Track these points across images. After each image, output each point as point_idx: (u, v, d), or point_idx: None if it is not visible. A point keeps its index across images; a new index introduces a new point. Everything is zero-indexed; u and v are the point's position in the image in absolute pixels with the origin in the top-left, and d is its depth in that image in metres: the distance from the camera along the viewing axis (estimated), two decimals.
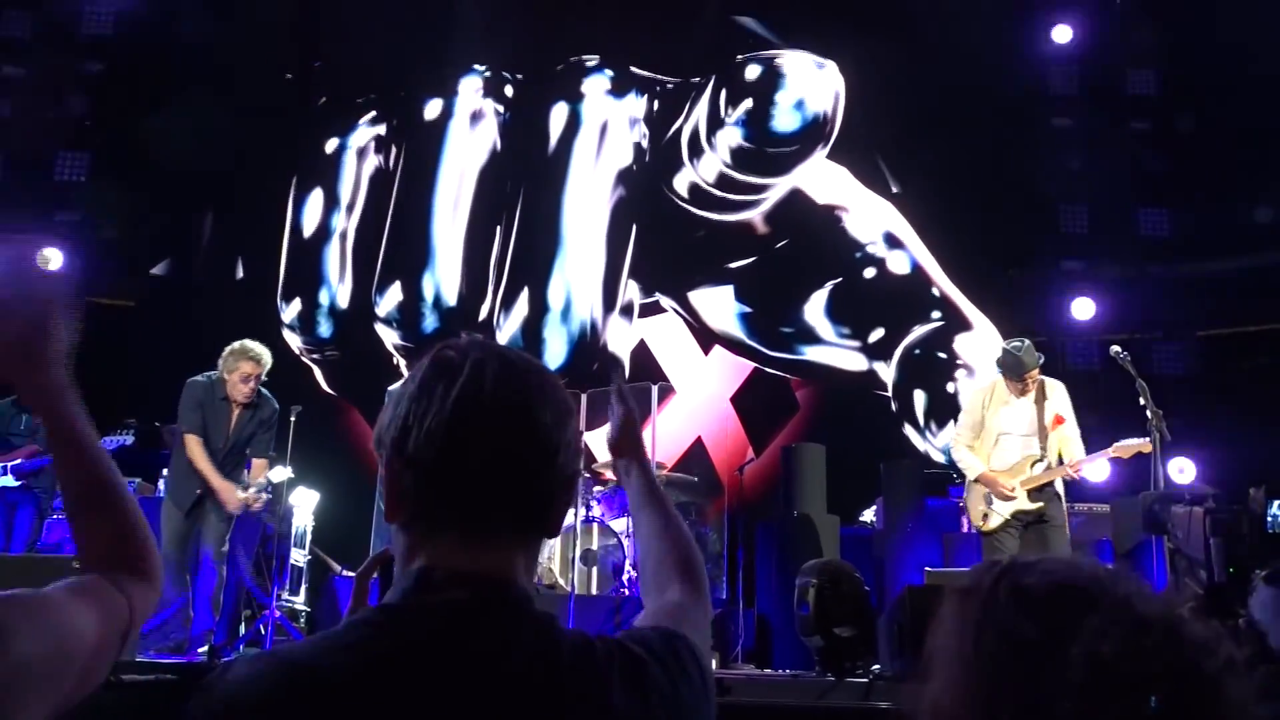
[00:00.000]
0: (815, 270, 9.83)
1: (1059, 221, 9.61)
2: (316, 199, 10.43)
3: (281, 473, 6.48)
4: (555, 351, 9.93)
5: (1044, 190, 9.57)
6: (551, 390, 1.08)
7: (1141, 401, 5.49)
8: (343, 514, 7.90)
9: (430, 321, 10.08)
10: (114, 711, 3.58)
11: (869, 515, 7.94)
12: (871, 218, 10.01)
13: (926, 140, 9.40)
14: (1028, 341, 5.62)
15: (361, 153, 10.52)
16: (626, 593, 6.51)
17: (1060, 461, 5.50)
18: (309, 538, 7.53)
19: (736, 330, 9.88)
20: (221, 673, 0.99)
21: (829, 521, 6.96)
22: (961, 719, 0.80)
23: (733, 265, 9.96)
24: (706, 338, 9.89)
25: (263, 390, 5.85)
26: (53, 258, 8.80)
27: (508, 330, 10.04)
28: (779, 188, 10.11)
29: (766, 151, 10.17)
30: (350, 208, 10.42)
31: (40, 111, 9.43)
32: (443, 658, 0.95)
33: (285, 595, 6.93)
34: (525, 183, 10.42)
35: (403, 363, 9.92)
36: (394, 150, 10.49)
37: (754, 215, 10.08)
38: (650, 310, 10.01)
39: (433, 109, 10.59)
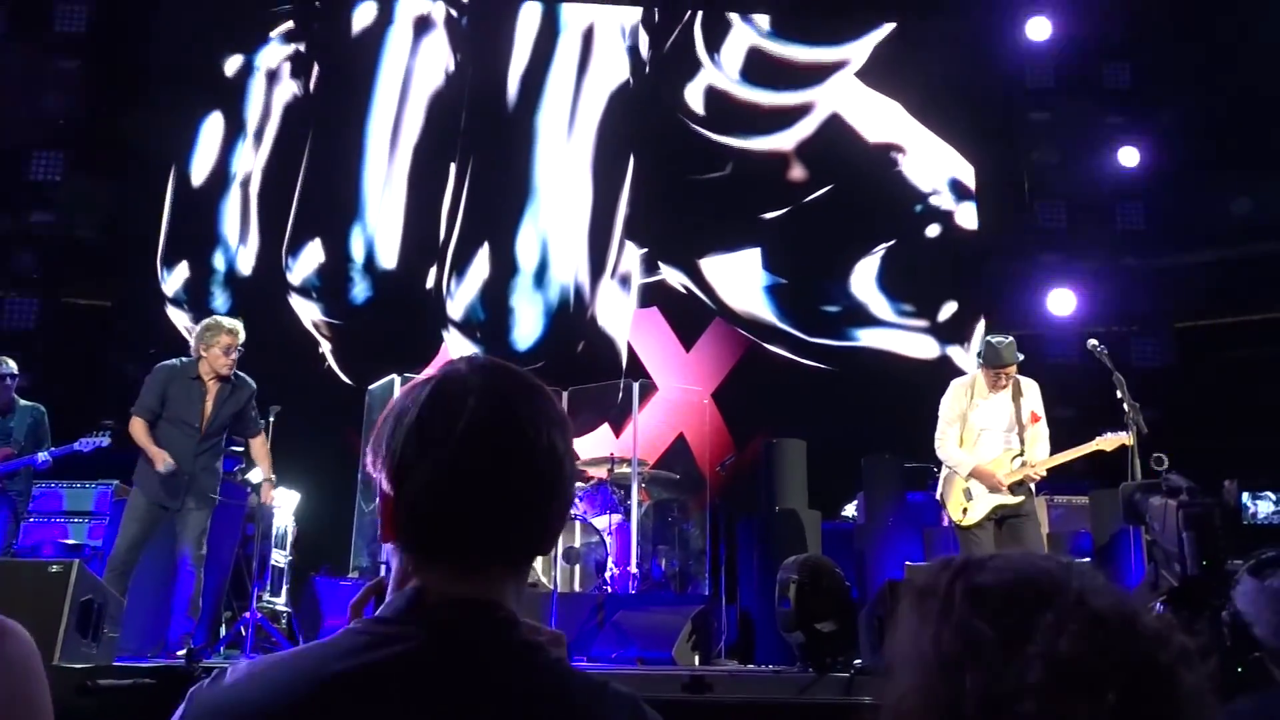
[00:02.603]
0: (863, 228, 8.01)
1: (1036, 215, 9.62)
2: (212, 135, 8.33)
3: (260, 473, 6.45)
4: (527, 325, 8.12)
5: (1021, 184, 9.57)
6: (547, 409, 1.09)
7: (1119, 394, 5.59)
8: (324, 514, 7.86)
9: (361, 290, 8.11)
10: (92, 717, 3.55)
11: (850, 510, 7.97)
12: (934, 160, 8.06)
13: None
14: (1011, 338, 5.75)
15: (272, 75, 8.44)
16: (610, 590, 6.53)
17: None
18: (290, 538, 7.50)
19: (764, 309, 8.09)
20: (215, 678, 1.02)
21: (810, 516, 6.99)
22: None
23: (761, 217, 7.97)
24: (727, 320, 8.16)
25: (240, 371, 5.81)
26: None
27: (462, 299, 8.05)
28: (825, 90, 7.71)
29: (815, 5, 7.89)
30: (257, 143, 8.33)
31: (15, 110, 9.32)
32: (431, 670, 0.99)
33: (266, 596, 6.89)
34: (486, 108, 8.29)
35: (326, 345, 7.99)
36: (315, 71, 8.41)
37: (787, 144, 8.01)
38: (652, 294, 8.25)
39: (364, 16, 8.46)
